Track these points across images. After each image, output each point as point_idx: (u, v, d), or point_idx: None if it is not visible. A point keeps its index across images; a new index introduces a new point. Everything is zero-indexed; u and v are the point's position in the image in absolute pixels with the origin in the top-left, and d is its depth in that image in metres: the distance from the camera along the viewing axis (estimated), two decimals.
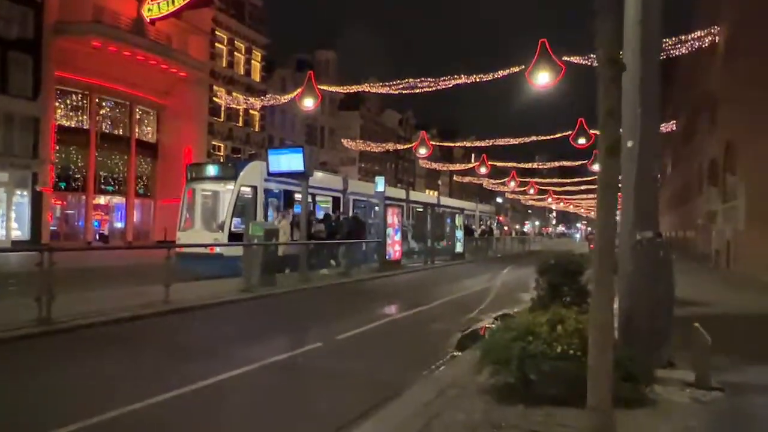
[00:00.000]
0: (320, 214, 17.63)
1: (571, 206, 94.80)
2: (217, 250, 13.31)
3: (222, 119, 37.55)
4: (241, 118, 39.54)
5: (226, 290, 11.00)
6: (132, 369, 5.73)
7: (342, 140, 47.90)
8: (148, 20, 30.90)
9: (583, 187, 58.67)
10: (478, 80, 26.04)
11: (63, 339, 6.83)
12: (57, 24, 26.54)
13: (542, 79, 17.65)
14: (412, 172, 72.72)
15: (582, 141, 26.61)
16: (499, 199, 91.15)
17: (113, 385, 5.11)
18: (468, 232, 26.54)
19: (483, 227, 34.45)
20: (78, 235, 30.22)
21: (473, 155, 67.55)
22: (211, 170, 15.51)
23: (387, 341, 7.47)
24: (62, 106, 29.13)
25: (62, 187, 29.14)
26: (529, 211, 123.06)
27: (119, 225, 33.15)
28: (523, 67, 20.72)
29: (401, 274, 17.16)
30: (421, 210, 23.21)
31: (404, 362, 6.34)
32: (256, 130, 41.12)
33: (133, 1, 30.66)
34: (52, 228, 28.28)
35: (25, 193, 25.98)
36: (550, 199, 78.62)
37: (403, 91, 29.30)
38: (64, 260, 7.75)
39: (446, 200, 28.30)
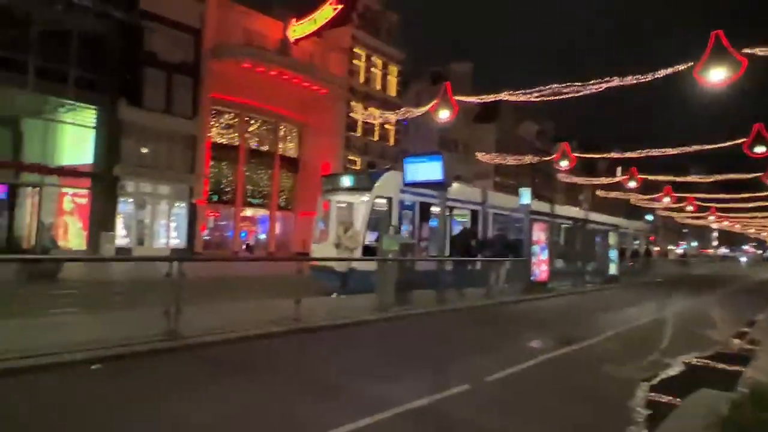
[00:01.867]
0: (457, 228, 16.40)
1: (737, 225, 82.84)
2: (350, 264, 12.65)
3: (359, 134, 38.09)
4: (376, 133, 39.85)
5: (358, 308, 10.19)
6: (251, 405, 4.92)
7: (477, 153, 46.39)
8: (292, 41, 32.30)
9: (753, 204, 50.74)
10: (635, 82, 23.17)
11: (187, 358, 6.32)
12: (213, 48, 28.63)
13: (716, 76, 15.00)
14: (550, 187, 68.57)
15: (761, 149, 22.41)
16: (649, 217, 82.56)
17: (219, 427, 4.30)
18: (621, 252, 23.50)
19: (636, 247, 30.68)
20: (227, 245, 32.21)
21: (619, 168, 62.25)
22: (346, 181, 15.05)
23: (549, 390, 5.95)
24: (216, 124, 31.37)
25: (214, 199, 31.28)
26: (685, 230, 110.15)
27: (263, 236, 34.85)
28: (691, 64, 17.87)
29: (549, 298, 15.25)
30: (568, 226, 20.89)
31: (580, 426, 4.83)
32: (391, 144, 41.17)
33: (279, 22, 32.27)
34: (205, 238, 30.40)
35: (183, 204, 28.14)
36: (712, 217, 69.34)
37: (546, 98, 27.12)
38: (199, 270, 7.39)
39: (597, 216, 25.43)
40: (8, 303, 9.19)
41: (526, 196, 15.89)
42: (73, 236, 24.96)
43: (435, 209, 15.31)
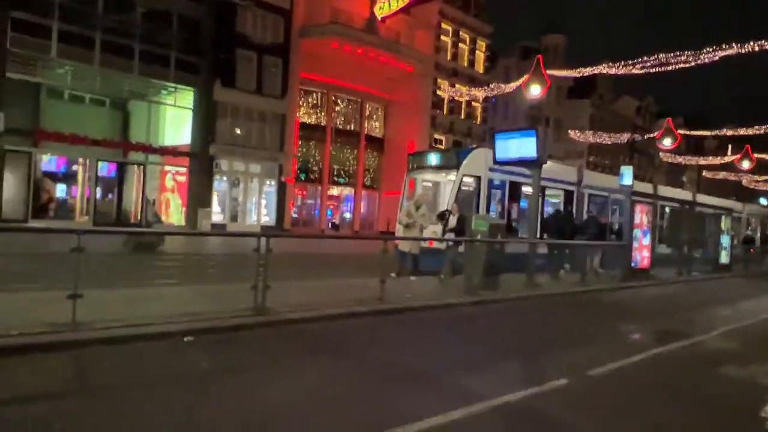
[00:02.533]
0: (549, 210, 15.51)
1: None
2: (436, 244, 12.27)
3: (445, 112, 37.34)
4: (463, 111, 38.86)
5: (445, 290, 9.87)
6: (335, 388, 4.77)
7: (569, 131, 44.02)
8: (379, 18, 31.97)
9: None
10: (757, 48, 20.66)
11: (272, 334, 6.31)
12: (301, 28, 28.99)
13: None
14: (651, 167, 63.95)
15: None
16: (763, 200, 74.80)
17: (307, 410, 4.16)
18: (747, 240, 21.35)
19: (749, 233, 27.76)
20: (314, 222, 32.99)
21: (730, 147, 56.76)
22: (433, 158, 14.62)
23: (661, 392, 5.30)
24: (304, 104, 31.93)
25: (302, 178, 32.03)
26: None
27: (348, 215, 35.32)
28: None
29: (650, 287, 14.07)
30: (673, 209, 19.18)
31: None
32: (478, 122, 40.02)
33: (366, 1, 32.01)
34: (293, 215, 31.29)
35: (272, 183, 29.04)
36: None
37: (652, 70, 24.97)
38: (286, 246, 7.39)
39: (706, 198, 23.20)
40: (117, 273, 9.84)
41: (627, 175, 14.66)
42: (173, 212, 26.57)
43: (526, 189, 14.54)
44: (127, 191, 24.69)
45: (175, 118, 26.61)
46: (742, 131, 38.89)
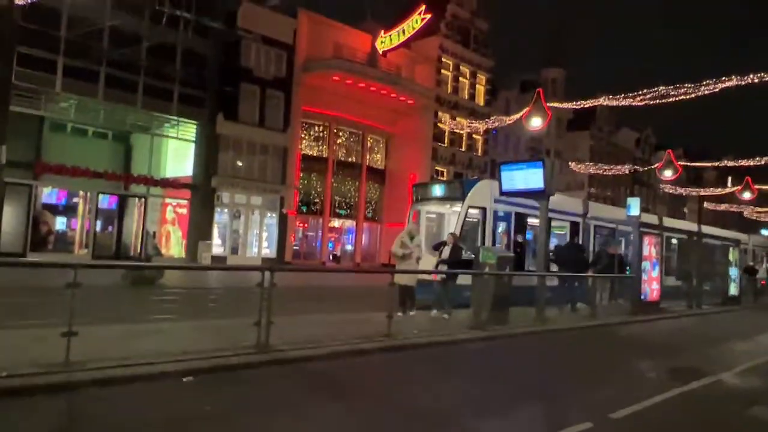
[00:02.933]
0: (553, 241, 15.27)
1: None
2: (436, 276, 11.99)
3: (446, 144, 37.48)
4: (464, 143, 39.03)
5: (452, 325, 9.55)
6: None
7: (569, 163, 44.12)
8: (381, 52, 32.42)
9: None
10: (757, 80, 20.79)
11: (276, 374, 5.99)
12: (304, 62, 29.32)
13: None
14: (653, 198, 63.91)
15: None
16: (765, 231, 74.47)
17: None
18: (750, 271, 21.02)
19: (750, 263, 27.42)
20: (315, 255, 32.68)
21: (729, 179, 56.93)
22: (437, 190, 14.45)
23: None
24: (306, 136, 32.06)
25: (303, 210, 31.89)
26: None
27: (349, 247, 35.05)
28: None
29: (661, 320, 13.72)
30: (678, 240, 18.95)
31: None
32: (479, 154, 40.16)
33: (368, 35, 32.52)
34: (294, 247, 31.02)
35: (273, 215, 28.90)
36: None
37: (650, 102, 25.12)
38: (288, 280, 7.14)
39: (711, 229, 22.99)
40: (114, 309, 9.53)
41: (635, 206, 14.49)
42: (174, 244, 26.33)
43: (531, 220, 14.34)
44: (128, 224, 24.51)
45: (177, 151, 26.65)
46: (743, 162, 38.99)
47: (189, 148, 26.11)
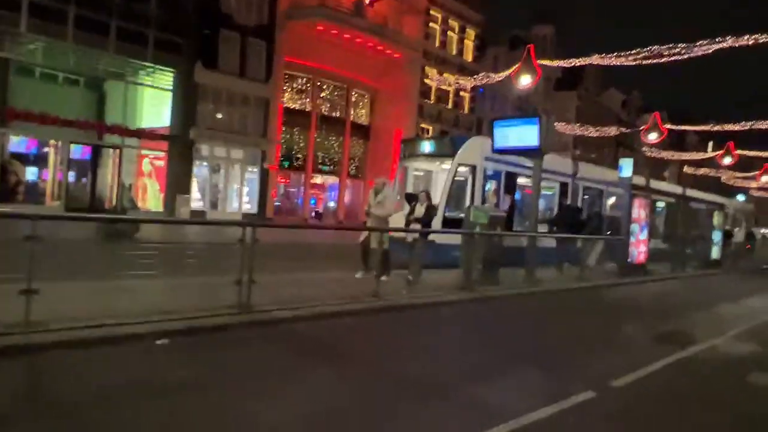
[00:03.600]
0: (541, 202, 14.98)
1: None
2: (430, 236, 11.65)
3: (432, 101, 36.63)
4: (450, 100, 38.21)
5: (441, 285, 9.23)
6: (329, 402, 4.11)
7: (556, 123, 43.70)
8: (367, 2, 31.06)
9: None
10: (753, 42, 20.33)
11: (258, 336, 5.61)
12: (287, 10, 27.95)
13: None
14: (634, 161, 64.09)
15: None
16: (740, 197, 75.90)
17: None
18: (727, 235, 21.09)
19: (728, 228, 27.75)
20: (297, 211, 32.11)
21: (711, 143, 57.32)
22: (426, 146, 13.95)
23: (699, 405, 4.75)
24: (289, 89, 30.93)
25: (285, 165, 31.08)
26: None
27: (332, 204, 34.52)
28: None
29: (648, 283, 13.68)
30: (665, 204, 18.86)
31: None
32: (466, 112, 39.43)
33: None
34: (276, 203, 30.38)
35: (255, 169, 28.07)
36: None
37: (643, 62, 24.59)
38: (269, 236, 6.69)
39: (697, 193, 22.97)
40: (83, 264, 8.98)
41: (627, 168, 14.20)
42: (151, 198, 25.50)
43: (522, 180, 14.00)
44: (102, 175, 23.55)
45: (153, 100, 25.45)
46: (728, 126, 38.92)
47: (166, 97, 24.92)
